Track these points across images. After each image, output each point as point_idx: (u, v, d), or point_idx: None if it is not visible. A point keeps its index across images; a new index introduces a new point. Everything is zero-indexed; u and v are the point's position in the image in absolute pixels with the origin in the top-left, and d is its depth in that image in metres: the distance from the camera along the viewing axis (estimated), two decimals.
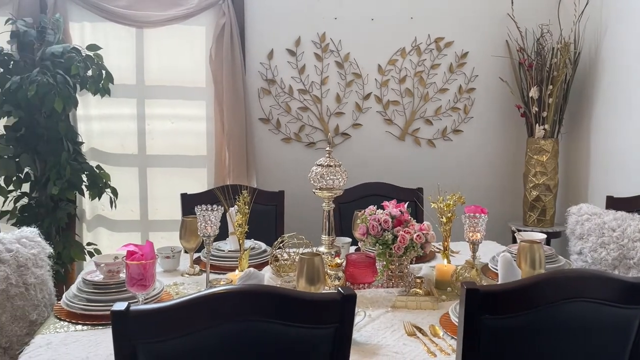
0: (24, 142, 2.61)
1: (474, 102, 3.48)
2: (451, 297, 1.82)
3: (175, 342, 1.06)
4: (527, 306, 1.24)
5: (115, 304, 1.04)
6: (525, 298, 1.24)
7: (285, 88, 3.26)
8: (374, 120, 3.37)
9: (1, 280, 1.71)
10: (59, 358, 1.36)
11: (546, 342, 1.29)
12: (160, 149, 3.21)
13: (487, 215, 1.98)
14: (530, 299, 1.24)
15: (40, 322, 1.74)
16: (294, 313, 1.11)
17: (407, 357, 1.40)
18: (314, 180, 1.93)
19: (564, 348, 1.29)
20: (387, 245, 1.84)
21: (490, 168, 3.56)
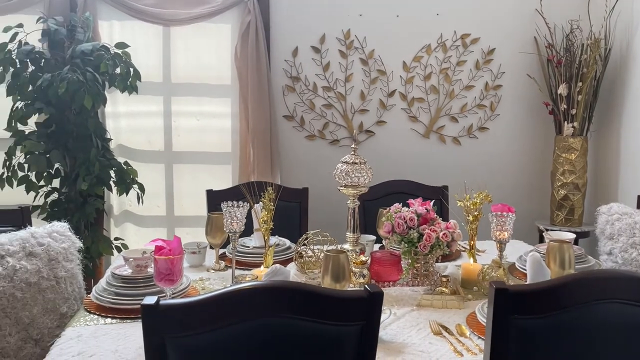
0: (55, 139, 2.67)
1: (500, 99, 3.43)
2: (477, 297, 1.80)
3: (204, 336, 1.07)
4: (557, 306, 1.22)
5: (145, 298, 1.05)
6: (556, 298, 1.22)
7: (310, 85, 3.26)
8: (399, 118, 3.35)
9: (33, 274, 1.75)
10: (89, 350, 1.39)
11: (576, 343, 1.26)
12: (186, 145, 3.25)
13: (514, 214, 1.95)
14: (560, 299, 1.22)
15: (70, 315, 1.78)
16: (321, 310, 1.11)
17: (433, 357, 1.39)
18: (339, 178, 1.93)
19: (594, 349, 1.26)
20: (412, 244, 1.83)
21: (517, 166, 3.51)
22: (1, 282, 1.67)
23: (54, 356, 1.35)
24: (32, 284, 1.73)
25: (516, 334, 1.22)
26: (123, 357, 1.35)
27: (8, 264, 1.71)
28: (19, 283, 1.70)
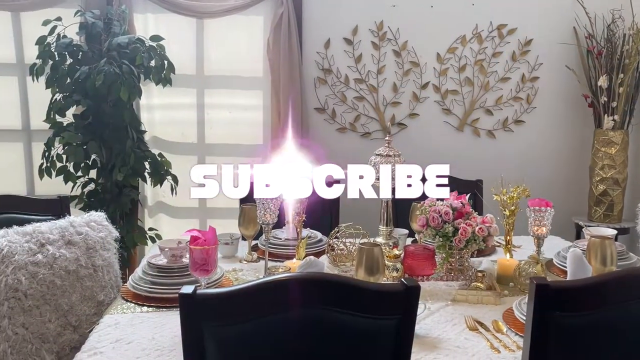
0: (92, 130, 2.72)
1: (537, 91, 3.34)
2: (514, 293, 1.76)
3: (241, 326, 1.07)
4: (599, 304, 1.19)
5: (183, 287, 1.06)
6: (598, 296, 1.19)
7: (342, 77, 3.24)
8: (432, 110, 3.31)
9: (72, 262, 1.79)
10: (126, 338, 1.41)
11: (618, 342, 1.23)
12: (218, 138, 3.27)
13: (552, 209, 1.90)
14: (603, 297, 1.18)
15: (107, 303, 1.81)
16: (357, 302, 1.10)
17: (469, 352, 1.37)
18: None
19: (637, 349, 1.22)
20: (447, 238, 1.80)
21: (554, 160, 3.42)
22: (42, 269, 1.71)
23: (93, 342, 1.38)
24: (70, 271, 1.77)
25: (556, 331, 1.19)
26: (160, 345, 1.37)
27: (48, 252, 1.75)
28: (59, 271, 1.74)
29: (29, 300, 1.67)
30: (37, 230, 1.79)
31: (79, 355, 1.32)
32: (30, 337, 1.65)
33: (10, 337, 1.61)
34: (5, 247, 1.68)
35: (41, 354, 1.66)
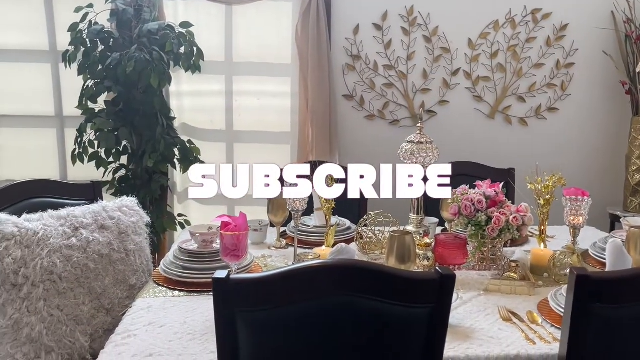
0: (122, 117, 2.75)
1: (572, 78, 3.25)
2: (548, 284, 1.73)
3: (274, 312, 1.07)
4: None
5: (216, 271, 1.06)
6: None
7: (370, 64, 3.20)
8: (462, 97, 3.24)
9: (105, 246, 1.81)
10: (159, 321, 1.43)
11: None
12: (247, 125, 3.27)
13: (590, 199, 1.85)
14: None
15: (139, 287, 1.84)
16: (391, 290, 1.09)
17: (504, 343, 1.34)
18: (403, 157, 1.88)
19: None
20: (480, 227, 1.77)
21: (588, 149, 3.33)
22: (76, 253, 1.74)
23: (127, 325, 1.40)
24: (104, 255, 1.80)
25: (597, 323, 1.16)
26: (191, 329, 1.38)
27: (82, 235, 1.77)
28: (92, 254, 1.77)
29: (63, 283, 1.70)
30: (71, 214, 1.82)
31: (113, 337, 1.34)
32: (65, 319, 1.68)
33: (45, 318, 1.65)
34: (40, 231, 1.71)
35: (75, 336, 1.70)
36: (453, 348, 1.30)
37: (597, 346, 1.18)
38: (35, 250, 1.67)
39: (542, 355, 1.29)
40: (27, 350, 1.61)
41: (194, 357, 1.24)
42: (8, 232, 1.64)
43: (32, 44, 3.10)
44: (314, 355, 1.11)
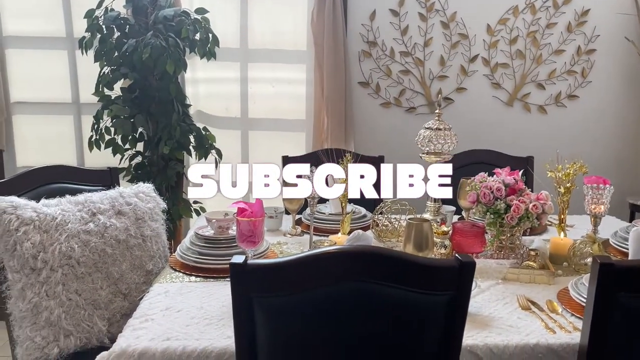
0: (138, 104, 2.75)
1: (593, 64, 3.18)
2: (568, 273, 1.70)
3: (290, 298, 1.06)
4: None
5: (234, 256, 1.06)
6: None
7: (387, 50, 3.16)
8: (480, 84, 3.19)
9: (122, 231, 1.82)
10: (176, 306, 1.43)
11: None
12: (261, 112, 3.26)
13: (612, 187, 1.81)
14: None
15: (156, 272, 1.85)
16: (409, 277, 1.07)
17: (523, 332, 1.32)
18: (421, 144, 1.86)
19: None
20: (499, 215, 1.74)
21: (608, 138, 3.26)
22: (93, 238, 1.75)
23: (145, 309, 1.41)
24: (121, 241, 1.81)
25: (620, 312, 1.14)
26: (208, 314, 1.38)
27: (99, 221, 1.78)
28: (109, 240, 1.78)
29: (81, 268, 1.71)
30: (88, 200, 1.83)
31: (131, 322, 1.34)
32: (83, 303, 1.70)
33: (64, 302, 1.66)
34: (59, 216, 1.72)
35: (93, 320, 1.71)
36: (471, 336, 1.29)
37: (619, 335, 1.16)
38: (54, 235, 1.69)
39: (562, 344, 1.27)
40: (46, 334, 1.63)
41: (211, 341, 1.24)
42: (27, 217, 1.66)
43: (49, 31, 3.11)
44: (330, 341, 1.10)
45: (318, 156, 2.32)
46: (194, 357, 1.20)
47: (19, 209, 1.66)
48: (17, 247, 1.62)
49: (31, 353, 1.62)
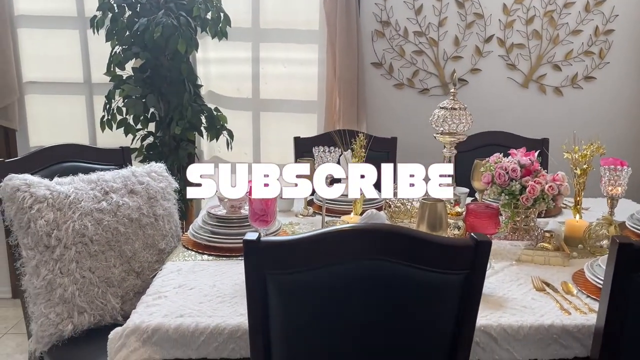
0: (150, 84, 2.74)
1: (611, 45, 3.11)
2: (583, 255, 1.68)
3: (303, 275, 1.06)
4: None
5: (247, 233, 1.05)
6: None
7: (400, 30, 3.11)
8: (495, 65, 3.14)
9: (134, 210, 1.83)
10: (188, 284, 1.44)
11: None
12: (273, 93, 3.24)
13: (630, 169, 1.78)
14: None
15: (168, 252, 1.85)
16: (424, 256, 1.06)
17: (537, 313, 1.31)
18: (435, 124, 1.84)
19: None
20: (514, 196, 1.72)
21: (625, 120, 3.20)
22: (106, 216, 1.76)
23: (157, 287, 1.41)
24: (133, 219, 1.81)
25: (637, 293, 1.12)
26: (221, 292, 1.38)
27: (112, 199, 1.79)
28: (122, 218, 1.79)
29: (94, 246, 1.72)
30: (101, 178, 1.83)
31: (144, 298, 1.35)
32: (96, 280, 1.71)
33: (78, 280, 1.67)
34: (72, 194, 1.73)
35: (107, 297, 1.73)
36: (485, 316, 1.28)
37: (637, 317, 1.14)
38: (67, 213, 1.69)
39: (577, 325, 1.26)
40: (60, 310, 1.65)
41: (224, 318, 1.24)
42: (40, 194, 1.66)
43: (60, 10, 3.09)
44: (343, 318, 1.10)
45: (331, 137, 2.30)
46: (207, 333, 1.20)
47: (33, 187, 1.67)
48: (31, 225, 1.63)
49: (46, 329, 1.63)
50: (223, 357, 1.21)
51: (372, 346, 1.11)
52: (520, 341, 1.25)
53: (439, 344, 1.15)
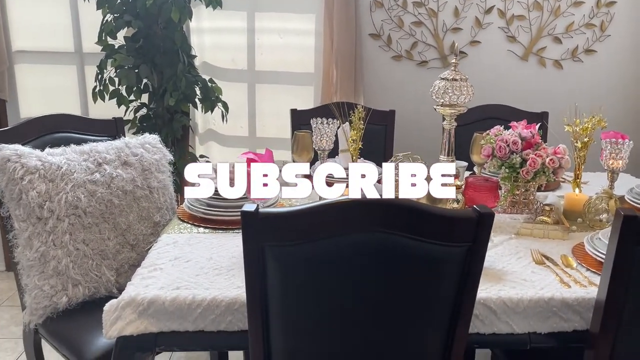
0: (143, 53, 2.67)
1: (613, 17, 3.06)
2: (582, 229, 1.67)
3: (302, 247, 1.04)
4: None
5: (245, 204, 1.02)
6: None
7: (399, 0, 3.04)
8: (495, 37, 3.09)
9: (128, 182, 1.79)
10: (185, 256, 1.41)
11: None
12: (269, 65, 3.17)
13: (632, 142, 1.76)
14: None
15: (163, 224, 1.83)
16: (426, 228, 1.04)
17: (537, 286, 1.30)
18: (435, 96, 1.79)
19: None
20: (514, 169, 1.70)
21: (625, 94, 3.17)
22: (100, 188, 1.72)
23: (153, 259, 1.39)
24: (127, 191, 1.78)
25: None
26: (217, 264, 1.36)
27: (105, 171, 1.75)
28: (116, 190, 1.76)
29: (88, 218, 1.69)
30: (94, 149, 1.80)
31: (139, 270, 1.33)
32: (90, 253, 1.69)
33: (71, 252, 1.65)
34: (64, 165, 1.69)
35: (101, 270, 1.71)
36: (485, 289, 1.26)
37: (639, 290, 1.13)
38: (60, 185, 1.66)
39: (577, 298, 1.25)
40: (54, 283, 1.63)
41: (221, 291, 1.22)
42: (32, 165, 1.63)
43: None
44: (343, 291, 1.08)
45: (329, 109, 2.26)
46: (203, 305, 1.18)
47: (24, 157, 1.63)
48: (23, 196, 1.60)
49: (40, 301, 1.62)
50: (220, 329, 1.19)
51: (373, 319, 1.10)
52: (520, 314, 1.24)
53: (440, 316, 1.14)
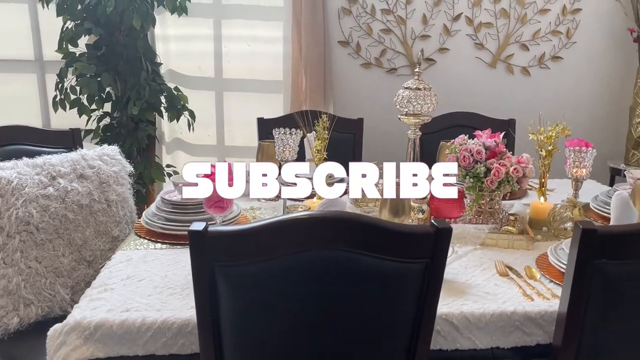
0: (105, 61, 2.60)
1: (578, 24, 3.10)
2: (547, 238, 1.66)
3: (255, 266, 0.99)
4: None
5: (193, 223, 0.98)
6: None
7: (367, 8, 3.03)
8: (463, 45, 3.10)
9: (84, 196, 1.73)
10: (138, 275, 1.35)
11: None
12: (237, 72, 3.13)
13: (595, 150, 1.76)
14: None
15: (122, 239, 1.77)
16: (383, 245, 1.01)
17: (500, 299, 1.28)
18: (399, 105, 1.77)
19: None
20: (478, 179, 1.68)
21: (591, 100, 3.21)
22: (53, 202, 1.65)
23: (104, 279, 1.33)
24: (83, 206, 1.71)
25: (601, 279, 1.09)
26: (172, 283, 1.31)
27: (60, 185, 1.68)
28: (71, 205, 1.69)
29: (41, 234, 1.62)
30: (47, 162, 1.72)
31: (88, 292, 1.27)
32: (43, 271, 1.61)
33: (23, 270, 1.57)
34: (15, 179, 1.61)
35: (55, 288, 1.63)
36: (447, 304, 1.24)
37: (600, 303, 1.12)
38: (10, 200, 1.58)
39: (540, 312, 1.23)
40: (5, 303, 1.55)
41: (173, 312, 1.17)
42: None
43: None
44: (298, 310, 1.04)
45: (293, 118, 2.22)
46: (154, 328, 1.13)
47: None
48: None
49: None
50: (172, 353, 1.14)
51: (328, 339, 1.06)
52: (482, 329, 1.22)
53: (400, 333, 1.10)
